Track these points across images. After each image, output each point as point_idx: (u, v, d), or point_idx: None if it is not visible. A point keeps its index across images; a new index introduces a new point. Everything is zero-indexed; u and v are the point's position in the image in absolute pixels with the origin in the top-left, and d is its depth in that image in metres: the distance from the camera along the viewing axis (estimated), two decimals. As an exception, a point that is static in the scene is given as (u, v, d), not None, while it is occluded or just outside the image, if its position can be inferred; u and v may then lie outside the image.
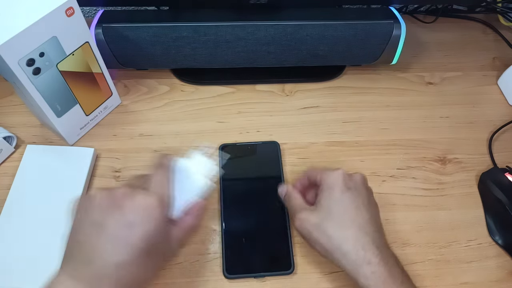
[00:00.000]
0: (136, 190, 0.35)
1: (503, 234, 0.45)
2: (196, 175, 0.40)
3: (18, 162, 0.48)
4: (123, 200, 0.33)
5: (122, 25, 0.51)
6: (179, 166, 0.40)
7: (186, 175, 0.40)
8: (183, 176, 0.39)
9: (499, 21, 0.68)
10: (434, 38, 0.66)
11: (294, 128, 0.54)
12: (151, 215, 0.33)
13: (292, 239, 0.44)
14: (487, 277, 0.43)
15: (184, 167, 0.40)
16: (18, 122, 0.53)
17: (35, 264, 0.42)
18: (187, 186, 0.39)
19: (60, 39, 0.43)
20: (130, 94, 0.57)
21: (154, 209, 0.34)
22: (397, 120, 0.56)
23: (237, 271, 0.42)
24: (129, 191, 0.34)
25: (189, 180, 0.40)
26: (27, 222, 0.44)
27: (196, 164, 0.40)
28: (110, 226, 0.33)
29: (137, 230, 0.32)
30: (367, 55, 0.56)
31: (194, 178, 0.40)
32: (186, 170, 0.40)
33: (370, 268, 0.35)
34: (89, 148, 0.49)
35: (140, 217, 0.33)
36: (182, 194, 0.39)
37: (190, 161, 0.41)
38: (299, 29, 0.52)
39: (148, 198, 0.34)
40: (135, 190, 0.35)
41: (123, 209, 0.33)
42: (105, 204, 0.34)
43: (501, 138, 0.54)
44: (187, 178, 0.40)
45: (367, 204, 0.39)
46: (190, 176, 0.40)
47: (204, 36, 0.52)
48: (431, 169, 0.51)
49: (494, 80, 0.61)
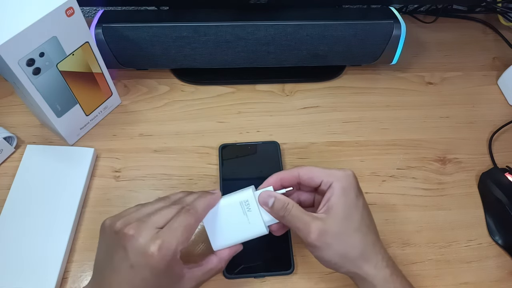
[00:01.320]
0: (144, 231, 0.33)
1: (503, 234, 0.45)
2: (256, 218, 0.37)
3: (18, 162, 0.48)
4: (127, 241, 0.33)
5: (122, 25, 0.51)
6: (245, 197, 0.37)
7: (247, 211, 0.37)
8: (242, 211, 0.37)
9: (499, 21, 0.68)
10: (434, 38, 0.66)
11: (294, 128, 0.54)
12: (148, 263, 0.32)
13: (292, 239, 0.44)
14: (487, 277, 0.43)
15: (249, 201, 0.37)
16: (18, 122, 0.53)
17: (35, 264, 0.42)
18: (241, 223, 0.37)
19: (60, 39, 0.43)
20: (130, 94, 0.57)
21: (151, 258, 0.32)
22: (397, 120, 0.56)
23: (237, 271, 0.42)
24: (136, 230, 0.33)
25: (246, 219, 0.37)
26: (27, 222, 0.44)
27: (259, 206, 0.38)
28: (116, 264, 0.33)
29: (137, 273, 0.32)
30: (367, 55, 0.56)
31: (253, 219, 0.37)
32: (249, 206, 0.37)
33: (389, 271, 0.35)
34: (89, 148, 0.49)
35: (138, 261, 0.32)
36: (232, 229, 0.37)
37: (255, 200, 0.37)
38: (299, 29, 0.52)
39: (150, 246, 0.32)
40: (142, 231, 0.33)
41: (126, 249, 0.33)
42: (114, 239, 0.34)
43: (501, 138, 0.54)
44: (245, 215, 0.37)
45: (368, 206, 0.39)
46: (250, 215, 0.37)
47: (204, 36, 0.52)
48: (431, 169, 0.51)
49: (494, 80, 0.61)
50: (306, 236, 0.35)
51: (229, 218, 0.37)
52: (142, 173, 0.50)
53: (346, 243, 0.35)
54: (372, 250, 0.36)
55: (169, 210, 0.35)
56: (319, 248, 0.35)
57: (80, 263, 0.43)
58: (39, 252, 0.42)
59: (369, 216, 0.37)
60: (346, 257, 0.35)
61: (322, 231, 0.35)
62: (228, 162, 0.50)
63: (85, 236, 0.45)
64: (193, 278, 0.36)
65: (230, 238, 0.38)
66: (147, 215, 0.35)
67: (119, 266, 0.33)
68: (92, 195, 0.48)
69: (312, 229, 0.35)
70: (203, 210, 0.37)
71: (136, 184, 0.49)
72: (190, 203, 0.36)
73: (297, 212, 0.36)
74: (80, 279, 0.42)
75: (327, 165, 0.51)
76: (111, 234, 0.35)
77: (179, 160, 0.51)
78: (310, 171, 0.38)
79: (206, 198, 0.37)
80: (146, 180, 0.49)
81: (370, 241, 0.36)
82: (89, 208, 0.47)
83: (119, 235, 0.34)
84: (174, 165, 0.50)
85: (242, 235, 0.38)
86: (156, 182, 0.49)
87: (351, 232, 0.35)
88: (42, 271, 0.41)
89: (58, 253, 0.42)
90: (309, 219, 0.35)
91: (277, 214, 0.37)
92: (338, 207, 0.36)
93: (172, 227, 0.34)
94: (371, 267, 0.35)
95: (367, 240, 0.36)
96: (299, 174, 0.38)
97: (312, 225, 0.35)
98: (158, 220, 0.34)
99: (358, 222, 0.36)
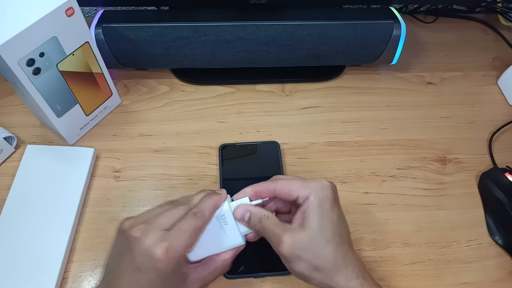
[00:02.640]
0: (150, 233, 0.33)
1: (503, 234, 0.45)
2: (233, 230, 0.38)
3: (18, 162, 0.48)
4: (134, 243, 0.33)
5: (122, 25, 0.51)
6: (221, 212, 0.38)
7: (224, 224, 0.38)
8: (218, 225, 0.38)
9: (499, 21, 0.68)
10: (434, 38, 0.66)
11: (294, 128, 0.54)
12: (154, 266, 0.32)
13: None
14: (487, 277, 0.43)
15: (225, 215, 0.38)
16: (18, 122, 0.53)
17: (35, 264, 0.42)
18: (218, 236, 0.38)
19: (60, 39, 0.43)
20: (130, 94, 0.57)
21: (158, 261, 0.32)
22: (397, 120, 0.56)
23: (237, 271, 0.42)
24: (143, 232, 0.33)
25: (223, 232, 0.38)
26: (27, 222, 0.44)
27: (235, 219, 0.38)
28: (124, 266, 0.33)
29: (144, 275, 0.33)
30: (367, 55, 0.56)
31: (230, 232, 0.38)
32: (225, 219, 0.38)
33: (359, 282, 0.35)
34: (89, 148, 0.49)
35: (144, 263, 0.33)
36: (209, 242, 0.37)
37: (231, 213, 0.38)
38: (299, 29, 0.52)
39: (156, 249, 0.32)
40: (148, 233, 0.33)
41: (132, 251, 0.33)
42: (123, 241, 0.34)
43: (501, 138, 0.54)
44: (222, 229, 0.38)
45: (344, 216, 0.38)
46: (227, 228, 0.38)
47: (204, 36, 0.52)
48: (431, 169, 0.51)
49: (494, 80, 0.61)
50: (278, 247, 0.35)
51: (206, 231, 0.37)
52: (142, 173, 0.50)
53: (317, 255, 0.35)
54: (343, 262, 0.35)
55: (176, 211, 0.35)
56: (289, 260, 0.35)
57: (80, 263, 0.43)
58: (39, 252, 0.42)
59: (343, 226, 0.37)
60: (317, 269, 0.35)
61: (293, 243, 0.35)
62: (228, 162, 0.50)
63: (85, 236, 0.45)
64: (199, 279, 0.36)
65: (207, 251, 0.38)
66: (154, 216, 0.35)
67: (127, 268, 0.33)
68: (92, 195, 0.48)
69: (283, 240, 0.35)
70: (210, 213, 0.37)
71: (136, 184, 0.49)
72: (197, 205, 0.37)
73: (269, 225, 0.36)
74: (80, 279, 0.42)
75: (327, 165, 0.51)
76: (121, 236, 0.35)
77: (179, 160, 0.51)
78: (286, 185, 0.38)
79: (213, 199, 0.37)
80: (146, 180, 0.49)
81: (341, 252, 0.35)
82: (89, 208, 0.47)
83: (127, 236, 0.34)
84: (174, 165, 0.50)
85: (219, 247, 0.38)
86: (156, 182, 0.49)
87: (323, 243, 0.35)
88: (42, 271, 0.41)
89: (58, 253, 0.42)
90: (280, 232, 0.35)
91: (253, 227, 0.37)
92: (312, 220, 0.35)
93: (179, 230, 0.34)
94: (342, 278, 0.35)
95: (339, 252, 0.35)
96: (275, 188, 0.38)
97: (284, 237, 0.35)
98: (164, 222, 0.34)
99: (331, 234, 0.35)
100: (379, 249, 0.45)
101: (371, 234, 0.46)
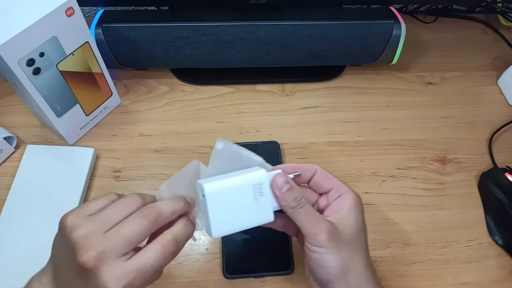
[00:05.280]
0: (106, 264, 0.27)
1: (503, 234, 0.45)
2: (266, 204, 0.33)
3: (18, 162, 0.48)
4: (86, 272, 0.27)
5: (122, 25, 0.51)
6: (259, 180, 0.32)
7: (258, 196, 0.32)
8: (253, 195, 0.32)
9: (499, 21, 0.68)
10: (434, 38, 0.66)
11: (294, 128, 0.54)
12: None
13: (292, 239, 0.44)
14: (487, 277, 0.43)
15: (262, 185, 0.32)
16: (18, 122, 0.53)
17: (35, 264, 0.41)
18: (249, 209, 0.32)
19: (60, 39, 0.43)
20: (130, 94, 0.57)
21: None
22: (397, 120, 0.56)
23: (237, 271, 0.42)
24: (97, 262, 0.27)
25: (256, 205, 0.32)
26: (27, 222, 0.44)
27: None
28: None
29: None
30: (367, 55, 0.56)
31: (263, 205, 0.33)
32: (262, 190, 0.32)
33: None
34: (89, 148, 0.49)
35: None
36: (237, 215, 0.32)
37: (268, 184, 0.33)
38: (299, 29, 0.52)
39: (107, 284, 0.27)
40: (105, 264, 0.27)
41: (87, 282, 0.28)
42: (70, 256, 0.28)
43: (501, 138, 0.54)
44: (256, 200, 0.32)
45: None
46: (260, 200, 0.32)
47: (204, 36, 0.52)
48: (431, 169, 0.51)
49: (494, 80, 0.61)
50: (316, 235, 0.31)
51: (237, 202, 0.32)
52: (142, 173, 0.50)
53: (354, 256, 0.32)
54: (371, 275, 0.33)
55: (142, 227, 0.29)
56: (326, 250, 0.31)
57: (80, 263, 0.43)
58: (39, 252, 0.42)
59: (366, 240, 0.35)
60: (347, 270, 0.32)
61: (334, 233, 0.32)
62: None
63: (85, 236, 0.45)
64: None
65: (233, 225, 0.33)
66: (113, 229, 0.29)
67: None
68: (92, 195, 0.48)
69: (324, 228, 0.32)
70: (183, 243, 0.31)
71: (136, 184, 0.49)
72: (171, 231, 0.30)
73: (310, 208, 0.33)
74: (80, 279, 0.42)
75: (327, 165, 0.51)
76: (63, 236, 0.29)
77: (179, 160, 0.51)
78: (326, 173, 0.35)
79: (189, 228, 0.32)
80: (146, 180, 0.49)
81: (370, 264, 0.34)
82: (89, 208, 0.47)
83: (77, 259, 0.27)
84: (174, 165, 0.50)
85: (246, 223, 0.33)
86: (156, 182, 0.49)
87: (361, 247, 0.33)
88: (42, 271, 0.41)
89: (58, 253, 0.42)
90: (322, 218, 0.32)
91: (287, 203, 0.32)
92: (350, 218, 0.33)
93: (144, 264, 0.28)
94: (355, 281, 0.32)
95: (368, 261, 0.34)
96: (316, 171, 0.35)
97: (325, 224, 0.32)
98: (127, 242, 0.28)
99: (364, 241, 0.34)
100: (379, 249, 0.45)
101: (371, 234, 0.46)
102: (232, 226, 0.33)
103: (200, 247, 0.44)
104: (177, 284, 0.42)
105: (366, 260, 0.34)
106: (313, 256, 0.32)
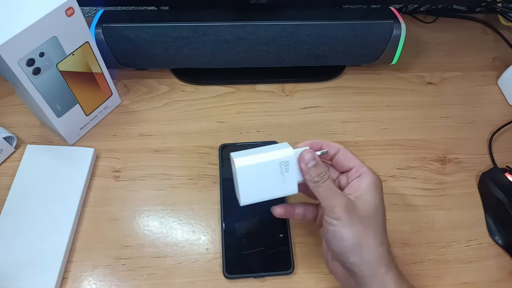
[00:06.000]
0: None
1: (503, 234, 0.45)
2: (292, 178, 0.37)
3: (18, 162, 0.48)
4: None
5: (122, 25, 0.51)
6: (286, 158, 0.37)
7: (284, 171, 0.37)
8: (280, 170, 0.37)
9: (499, 21, 0.68)
10: (434, 38, 0.66)
11: (294, 128, 0.54)
12: None
13: (292, 239, 0.44)
14: (487, 277, 0.43)
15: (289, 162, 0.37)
16: (18, 122, 0.53)
17: (35, 265, 0.42)
18: (275, 182, 0.37)
19: (60, 39, 0.43)
20: (130, 94, 0.57)
21: None
22: (397, 120, 0.56)
23: (237, 271, 0.42)
24: None
25: (282, 179, 0.37)
26: (27, 222, 0.44)
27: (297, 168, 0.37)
28: None
29: None
30: (367, 55, 0.56)
31: (288, 179, 0.37)
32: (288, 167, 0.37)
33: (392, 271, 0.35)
34: (89, 148, 0.49)
35: None
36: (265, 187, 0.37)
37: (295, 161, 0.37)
38: (299, 29, 0.52)
39: None
40: None
41: None
42: None
43: (501, 138, 0.54)
44: (282, 175, 0.37)
45: None
46: (286, 176, 0.37)
47: (204, 36, 0.52)
48: (431, 169, 0.51)
49: (494, 80, 0.61)
50: (333, 207, 0.35)
51: (264, 176, 0.37)
52: (142, 173, 0.50)
53: (368, 231, 0.34)
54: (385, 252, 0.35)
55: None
56: (341, 222, 0.34)
57: (80, 263, 0.43)
58: (39, 252, 0.42)
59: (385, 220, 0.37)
60: (361, 244, 0.34)
61: (350, 208, 0.35)
62: (228, 162, 0.50)
63: (85, 236, 0.45)
64: None
65: (259, 195, 0.37)
66: None
67: None
68: (92, 195, 0.48)
69: (341, 202, 0.35)
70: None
71: (136, 184, 0.49)
72: None
73: (330, 184, 0.36)
74: (80, 279, 0.42)
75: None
76: None
77: (179, 160, 0.51)
78: (348, 152, 0.39)
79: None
80: (146, 180, 0.49)
81: (385, 242, 0.36)
82: (89, 208, 0.47)
83: None
84: (174, 165, 0.50)
85: (273, 193, 0.38)
86: (156, 182, 0.49)
87: (376, 225, 0.35)
88: (42, 271, 0.41)
89: (58, 253, 0.42)
90: (340, 193, 0.36)
91: (311, 178, 0.36)
92: (366, 197, 0.36)
93: None
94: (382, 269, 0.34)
95: (383, 240, 0.35)
96: (340, 149, 0.39)
97: (342, 198, 0.35)
98: None
99: (381, 220, 0.36)
100: (379, 249, 0.45)
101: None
102: (258, 196, 0.37)
103: (200, 247, 0.44)
104: (177, 284, 0.42)
105: (381, 238, 0.35)
106: (330, 228, 0.35)
